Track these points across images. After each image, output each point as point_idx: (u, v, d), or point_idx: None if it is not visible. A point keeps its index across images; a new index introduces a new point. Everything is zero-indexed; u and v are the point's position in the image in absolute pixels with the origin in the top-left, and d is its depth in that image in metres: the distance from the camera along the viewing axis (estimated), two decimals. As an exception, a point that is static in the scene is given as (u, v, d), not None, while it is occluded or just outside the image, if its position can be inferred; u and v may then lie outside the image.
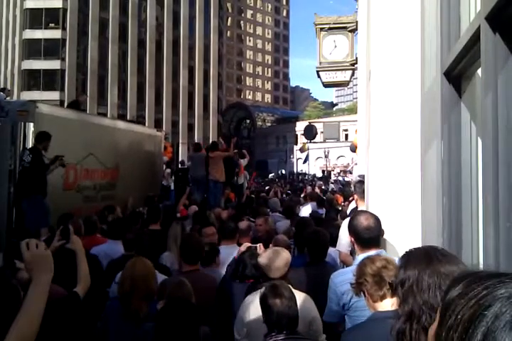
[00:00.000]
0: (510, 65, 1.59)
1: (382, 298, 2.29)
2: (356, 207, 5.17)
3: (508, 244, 1.55)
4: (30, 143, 7.14)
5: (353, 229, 3.01)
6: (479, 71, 2.00)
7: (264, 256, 3.41)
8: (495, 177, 1.64)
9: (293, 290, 2.83)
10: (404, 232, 3.17)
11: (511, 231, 1.53)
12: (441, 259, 1.44)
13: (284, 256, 3.38)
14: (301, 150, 43.29)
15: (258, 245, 3.96)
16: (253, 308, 3.08)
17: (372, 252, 2.85)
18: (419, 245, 2.13)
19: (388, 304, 2.27)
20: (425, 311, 1.39)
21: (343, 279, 2.89)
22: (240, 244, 4.57)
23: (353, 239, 3.03)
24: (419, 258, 1.48)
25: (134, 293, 3.03)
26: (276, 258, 3.34)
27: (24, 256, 1.91)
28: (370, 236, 2.93)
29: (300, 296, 2.86)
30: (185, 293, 3.07)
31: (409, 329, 1.40)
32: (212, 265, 4.38)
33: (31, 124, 7.23)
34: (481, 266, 1.79)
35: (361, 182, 4.88)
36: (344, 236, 4.18)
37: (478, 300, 0.79)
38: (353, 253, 3.93)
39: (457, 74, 2.37)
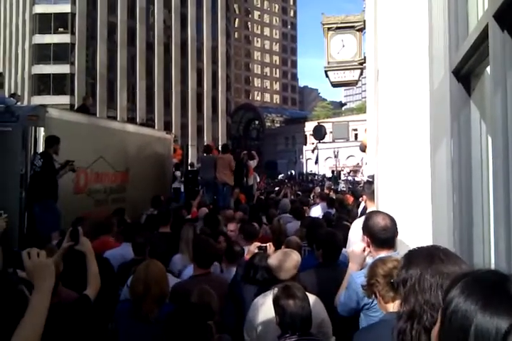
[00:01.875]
0: (519, 62, 1.57)
1: (394, 299, 2.27)
2: (365, 207, 5.14)
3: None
4: (41, 148, 7.18)
5: (368, 230, 2.97)
6: (488, 69, 1.99)
7: (274, 257, 3.41)
8: (505, 175, 1.63)
9: (303, 291, 2.82)
10: (415, 232, 3.15)
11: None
12: (444, 259, 1.42)
13: (294, 257, 3.37)
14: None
15: (268, 244, 3.95)
16: (263, 310, 3.07)
17: (383, 254, 2.83)
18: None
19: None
20: (426, 310, 1.37)
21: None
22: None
23: (368, 240, 3.00)
24: (421, 257, 1.46)
25: (147, 295, 3.03)
26: (286, 260, 3.33)
27: (25, 265, 1.92)
28: (386, 236, 2.90)
29: (310, 298, 2.85)
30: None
31: (410, 329, 1.38)
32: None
33: (42, 129, 7.27)
34: (493, 266, 1.77)
35: (370, 182, 4.86)
36: (353, 237, 4.15)
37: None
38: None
39: (466, 73, 2.35)
